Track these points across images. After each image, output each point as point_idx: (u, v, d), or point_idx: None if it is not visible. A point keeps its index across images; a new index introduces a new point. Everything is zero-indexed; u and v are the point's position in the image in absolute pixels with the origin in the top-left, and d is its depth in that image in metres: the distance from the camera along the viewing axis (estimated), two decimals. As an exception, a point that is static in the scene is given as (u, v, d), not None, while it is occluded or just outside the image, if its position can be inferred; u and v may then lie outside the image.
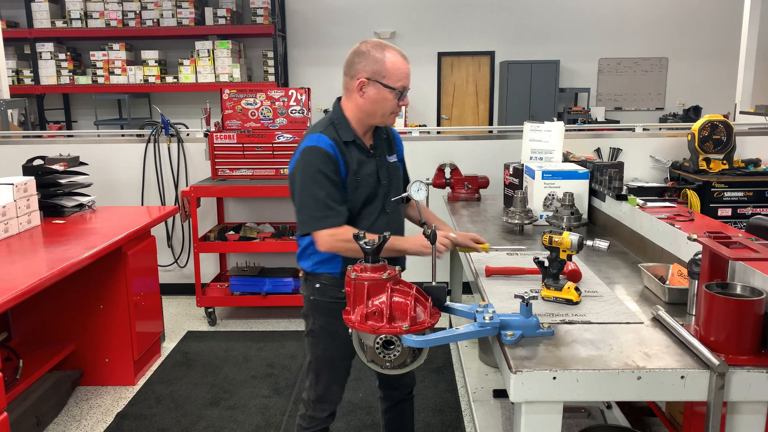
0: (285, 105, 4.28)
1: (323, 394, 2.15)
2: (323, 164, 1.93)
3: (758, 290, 1.53)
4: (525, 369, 1.47)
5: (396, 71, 1.95)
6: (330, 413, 2.18)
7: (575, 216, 2.83)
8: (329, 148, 1.95)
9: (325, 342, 2.12)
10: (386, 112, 2.01)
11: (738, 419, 1.51)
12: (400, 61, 1.97)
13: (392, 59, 1.96)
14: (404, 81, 1.97)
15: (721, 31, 8.86)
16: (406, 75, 1.98)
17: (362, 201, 2.03)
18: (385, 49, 1.97)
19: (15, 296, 2.24)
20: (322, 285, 2.07)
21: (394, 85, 1.96)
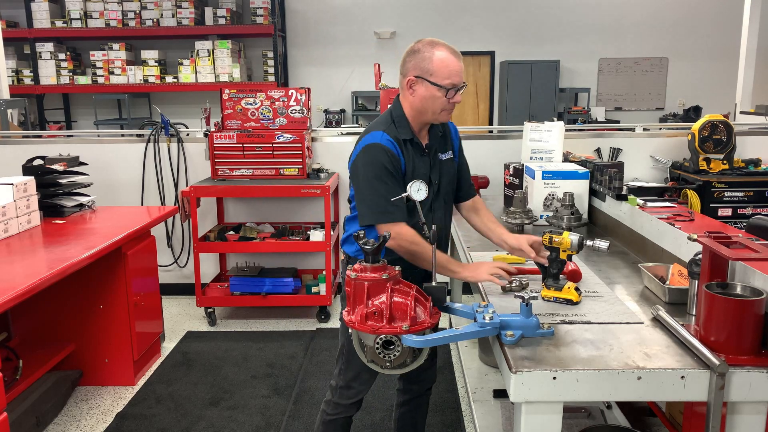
0: (285, 105, 4.28)
1: (352, 379, 2.14)
2: (386, 161, 1.97)
3: (758, 290, 1.53)
4: (525, 369, 1.47)
5: (443, 68, 1.94)
6: (355, 401, 2.17)
7: (575, 216, 2.83)
8: (391, 145, 1.99)
9: None
10: (436, 109, 1.99)
11: (738, 419, 1.50)
12: (449, 58, 1.95)
13: (440, 56, 1.95)
14: (453, 78, 1.95)
15: (721, 30, 8.86)
16: (456, 72, 1.96)
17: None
18: (435, 46, 1.97)
19: (15, 296, 2.24)
20: None
21: (442, 83, 1.95)
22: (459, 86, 1.97)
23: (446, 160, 2.14)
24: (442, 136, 2.15)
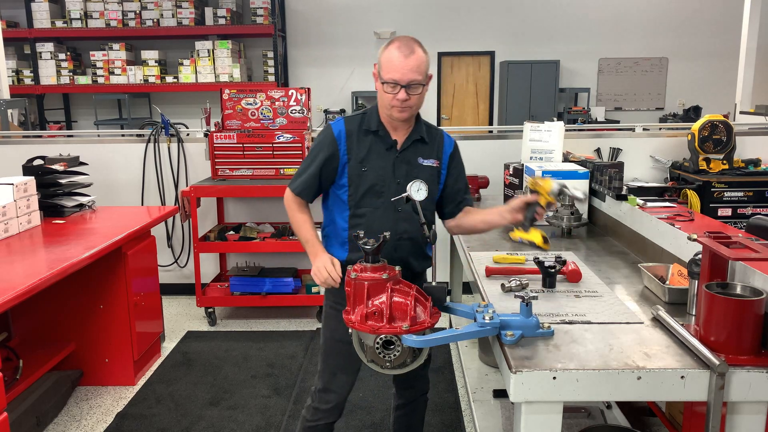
0: (285, 105, 4.28)
1: (328, 381, 2.13)
2: (322, 142, 2.08)
3: (758, 290, 1.53)
4: (525, 369, 1.47)
5: (386, 63, 1.95)
6: (334, 405, 2.14)
7: (575, 216, 2.83)
8: (336, 131, 2.06)
9: (334, 323, 2.10)
10: (386, 105, 2.00)
11: (738, 419, 1.51)
12: (395, 54, 1.94)
13: (388, 53, 1.96)
14: (393, 74, 1.93)
15: (721, 31, 8.86)
16: (396, 68, 1.92)
17: (365, 189, 2.03)
18: (392, 42, 1.99)
19: (15, 296, 2.24)
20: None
21: (383, 77, 1.96)
22: (400, 83, 1.93)
23: (426, 166, 2.09)
24: (422, 141, 2.09)
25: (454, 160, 2.18)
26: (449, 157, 2.16)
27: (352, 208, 2.06)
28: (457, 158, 2.19)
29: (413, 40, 1.99)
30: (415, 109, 2.03)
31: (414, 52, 1.94)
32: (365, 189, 2.03)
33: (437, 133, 2.17)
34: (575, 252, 2.50)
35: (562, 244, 2.66)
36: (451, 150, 2.18)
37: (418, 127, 2.10)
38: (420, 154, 2.09)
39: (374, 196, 2.04)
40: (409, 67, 1.93)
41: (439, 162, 2.13)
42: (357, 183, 2.04)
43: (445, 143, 2.17)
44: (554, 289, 2.03)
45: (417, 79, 1.94)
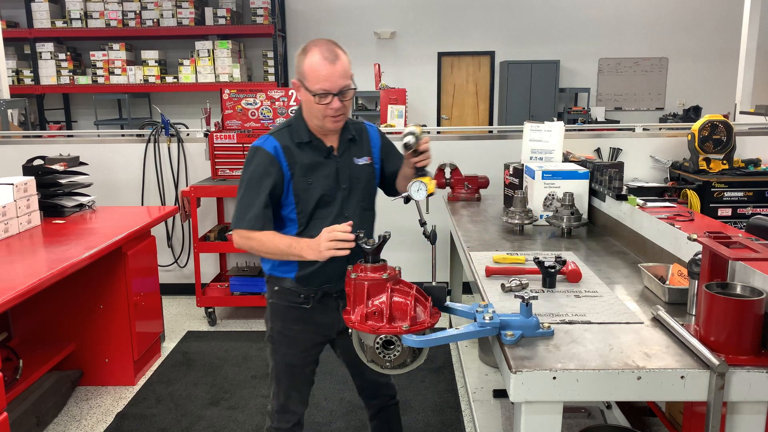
0: (285, 105, 4.28)
1: (284, 403, 2.10)
2: (259, 165, 1.93)
3: (758, 290, 1.53)
4: (525, 369, 1.47)
5: (312, 73, 1.84)
6: (294, 424, 2.12)
7: (575, 216, 2.83)
8: (272, 149, 1.93)
9: (285, 348, 2.07)
10: (317, 115, 1.91)
11: (738, 419, 1.51)
12: (320, 62, 1.84)
13: (310, 61, 1.85)
14: (323, 84, 1.83)
15: (721, 31, 8.87)
16: (326, 77, 1.83)
17: (315, 202, 1.96)
18: (311, 49, 1.87)
19: (15, 296, 2.24)
20: (281, 288, 2.03)
21: (312, 89, 1.85)
22: (332, 92, 1.85)
23: (361, 165, 2.04)
24: (353, 140, 2.05)
25: (383, 147, 2.14)
26: (379, 149, 2.12)
27: (302, 224, 1.98)
28: (385, 143, 2.15)
29: (332, 43, 1.90)
30: (347, 115, 1.97)
31: (339, 57, 1.86)
32: (315, 202, 1.96)
33: (361, 127, 2.11)
34: (575, 252, 2.50)
35: (562, 244, 2.66)
36: (379, 141, 2.14)
37: (346, 127, 2.04)
38: (354, 154, 2.04)
39: (323, 207, 1.98)
40: (339, 74, 1.85)
41: (371, 157, 2.09)
42: (305, 198, 1.96)
43: (372, 137, 2.12)
44: (554, 289, 2.03)
45: (347, 85, 1.88)
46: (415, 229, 2.10)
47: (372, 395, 2.28)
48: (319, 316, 2.04)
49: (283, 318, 2.06)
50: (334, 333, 2.10)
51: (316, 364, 2.14)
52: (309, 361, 2.11)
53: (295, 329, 2.05)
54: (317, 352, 2.12)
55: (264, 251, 1.95)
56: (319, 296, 2.02)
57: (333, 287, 2.01)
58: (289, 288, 2.02)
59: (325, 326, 2.07)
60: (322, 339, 2.11)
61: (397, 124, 5.50)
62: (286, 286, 2.02)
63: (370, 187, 2.10)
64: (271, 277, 2.07)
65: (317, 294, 2.02)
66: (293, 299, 2.02)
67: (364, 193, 2.06)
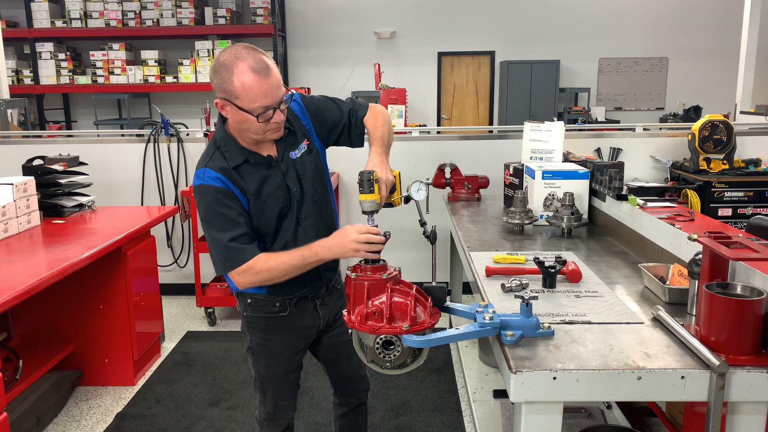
0: (285, 105, 4.27)
1: (272, 411, 2.08)
2: (214, 203, 1.76)
3: (758, 290, 1.53)
4: (525, 369, 1.46)
5: (247, 93, 1.68)
6: (285, 428, 2.11)
7: (575, 216, 2.83)
8: (216, 182, 1.77)
9: (266, 359, 2.02)
10: (257, 132, 1.76)
11: (738, 419, 1.50)
12: (251, 79, 1.68)
13: (241, 79, 1.68)
14: (263, 101, 1.70)
15: (721, 31, 8.86)
16: (263, 93, 1.69)
17: (276, 217, 1.85)
18: (236, 64, 1.69)
19: (15, 296, 2.24)
20: (254, 300, 1.95)
21: (249, 108, 1.70)
22: (274, 106, 1.72)
23: (300, 157, 1.89)
24: (289, 131, 1.89)
25: (313, 114, 1.96)
26: (311, 121, 1.96)
27: (268, 243, 1.87)
28: (311, 108, 1.97)
29: (254, 49, 1.73)
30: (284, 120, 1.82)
31: (269, 67, 1.71)
32: (275, 218, 1.85)
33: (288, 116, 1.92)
34: (575, 252, 2.50)
35: (563, 244, 2.66)
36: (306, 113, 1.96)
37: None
38: (290, 149, 1.89)
39: (282, 218, 1.87)
40: (275, 85, 1.72)
41: (308, 139, 1.93)
42: (265, 219, 1.84)
43: (298, 114, 1.95)
44: (554, 289, 2.03)
45: (282, 93, 1.76)
46: (415, 229, 2.10)
47: (349, 393, 2.23)
48: (298, 320, 1.99)
49: (261, 329, 1.98)
50: (314, 334, 2.06)
51: (300, 369, 2.09)
52: (293, 368, 2.06)
53: (275, 339, 2.00)
54: (300, 358, 2.08)
55: (279, 276, 1.78)
56: (295, 302, 1.96)
57: (308, 291, 1.96)
58: (262, 300, 1.94)
59: (305, 329, 2.03)
60: (303, 344, 2.06)
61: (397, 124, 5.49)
62: (259, 297, 1.94)
63: (318, 175, 1.95)
64: (241, 293, 1.96)
65: (293, 300, 1.96)
66: (269, 309, 1.95)
67: (314, 184, 1.92)
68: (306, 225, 1.91)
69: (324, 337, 2.11)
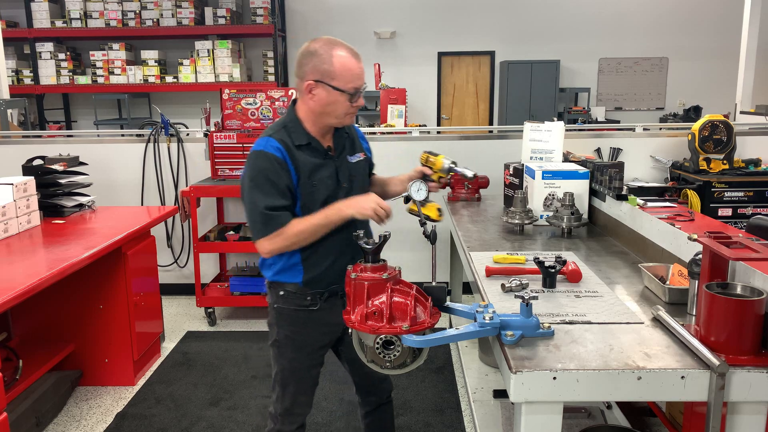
0: (285, 105, 4.28)
1: (290, 406, 2.10)
2: (268, 170, 1.87)
3: (758, 290, 1.53)
4: (525, 369, 1.46)
5: (346, 72, 1.87)
6: (299, 426, 2.13)
7: (575, 216, 2.83)
8: (276, 152, 1.89)
9: (292, 352, 2.05)
10: (339, 114, 1.93)
11: (738, 419, 1.50)
12: (351, 60, 1.88)
13: (341, 59, 1.87)
14: (355, 82, 1.89)
15: (721, 30, 8.86)
16: (358, 75, 1.89)
17: (320, 203, 1.95)
18: (334, 47, 1.88)
19: (15, 296, 2.24)
20: (287, 293, 2.01)
21: (344, 87, 1.87)
22: (361, 90, 1.91)
23: (355, 163, 2.07)
24: (348, 137, 2.08)
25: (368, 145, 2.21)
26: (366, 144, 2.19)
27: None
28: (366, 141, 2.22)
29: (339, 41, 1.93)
30: None
31: (358, 53, 1.92)
32: (320, 204, 1.94)
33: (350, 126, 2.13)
34: (575, 252, 2.50)
35: (562, 244, 2.66)
36: (363, 137, 2.20)
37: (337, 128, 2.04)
38: (347, 152, 2.06)
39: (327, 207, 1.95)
40: (363, 70, 1.93)
41: (364, 153, 2.14)
42: (310, 201, 1.94)
43: (358, 133, 2.18)
44: (554, 289, 2.03)
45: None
46: (415, 229, 2.11)
47: (371, 392, 2.27)
48: (327, 316, 2.03)
49: (290, 322, 2.04)
50: (340, 331, 2.10)
51: (321, 365, 2.13)
52: (315, 364, 2.10)
53: (303, 333, 2.05)
54: (323, 353, 2.12)
55: (306, 239, 1.90)
56: (326, 296, 2.02)
57: (339, 287, 2.00)
58: (294, 292, 2.01)
59: (332, 325, 2.06)
60: (329, 339, 2.11)
61: (397, 124, 5.49)
62: (292, 290, 2.01)
63: (365, 183, 2.15)
64: (274, 282, 2.04)
65: (324, 295, 2.02)
66: (300, 302, 2.01)
67: (362, 190, 2.08)
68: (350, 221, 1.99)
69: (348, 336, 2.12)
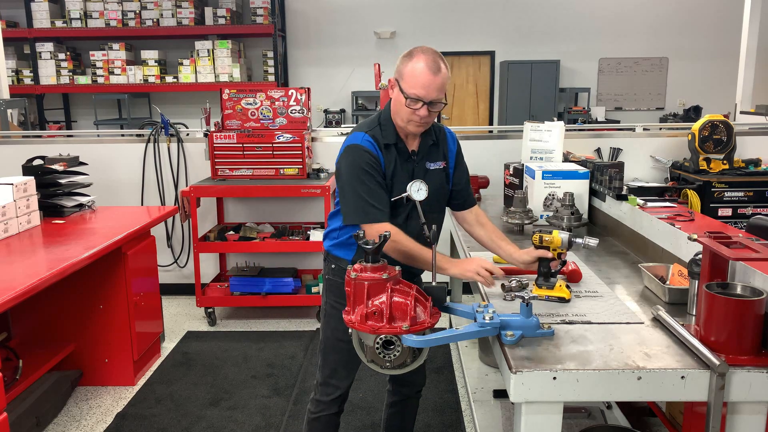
0: (285, 105, 4.28)
1: (329, 376, 2.17)
2: (365, 162, 1.97)
3: (758, 290, 1.53)
4: (525, 369, 1.46)
5: (411, 77, 1.91)
6: (336, 398, 2.17)
7: (575, 216, 2.83)
8: (371, 146, 1.98)
9: (335, 322, 2.12)
10: (403, 117, 1.97)
11: (738, 419, 1.50)
12: (422, 69, 1.90)
13: (414, 65, 1.92)
14: (417, 90, 1.90)
15: (721, 31, 8.86)
16: (422, 85, 1.89)
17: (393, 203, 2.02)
18: (418, 54, 1.93)
19: (15, 296, 2.24)
20: (338, 266, 2.12)
21: (407, 91, 1.92)
22: (424, 100, 1.91)
23: (435, 170, 2.10)
24: (434, 144, 2.11)
25: (458, 156, 2.20)
26: (455, 155, 2.18)
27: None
28: (460, 154, 2.22)
29: (439, 55, 1.95)
30: (430, 124, 2.04)
31: (440, 71, 1.92)
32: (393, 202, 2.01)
33: (440, 131, 2.17)
34: (575, 252, 2.50)
35: (562, 244, 2.65)
36: (455, 148, 2.19)
37: (428, 131, 2.09)
38: (428, 158, 2.10)
39: (395, 207, 2.03)
40: (436, 86, 1.91)
41: (446, 162, 2.14)
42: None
43: (449, 142, 2.18)
44: (554, 289, 2.03)
45: (440, 98, 1.93)
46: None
47: (404, 382, 2.32)
48: None
49: (337, 293, 2.12)
50: None
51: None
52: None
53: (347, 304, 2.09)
54: None
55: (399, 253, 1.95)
56: None
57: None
58: (344, 267, 2.06)
59: None
60: None
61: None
62: (342, 265, 2.09)
63: (441, 191, 2.14)
64: (329, 254, 2.15)
65: None
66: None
67: (436, 196, 2.08)
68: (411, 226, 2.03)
69: None
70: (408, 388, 2.34)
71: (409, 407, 2.38)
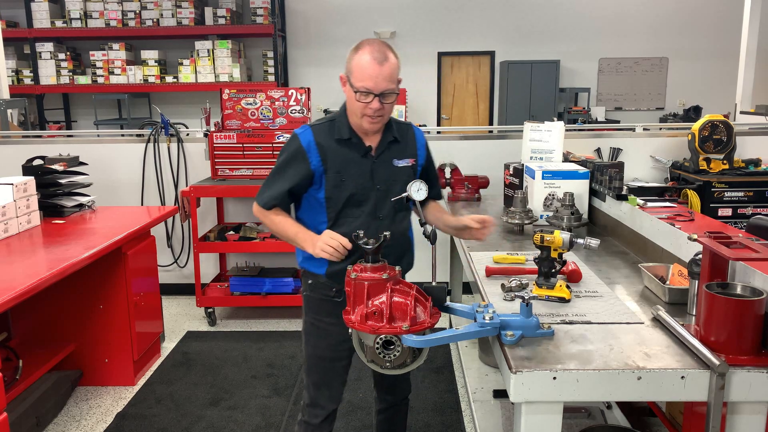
0: (285, 105, 4.28)
1: (314, 397, 2.12)
2: (289, 151, 1.99)
3: (758, 290, 1.53)
4: (525, 369, 1.47)
5: (359, 70, 1.87)
6: (324, 419, 2.11)
7: (575, 216, 2.83)
8: (305, 141, 1.97)
9: (314, 339, 2.11)
10: (356, 112, 1.92)
11: (738, 419, 1.50)
12: (367, 60, 1.86)
13: (360, 57, 1.88)
14: (366, 82, 1.85)
15: (721, 31, 8.86)
16: (370, 77, 1.85)
17: (344, 200, 1.98)
18: (362, 47, 1.90)
19: (15, 296, 2.24)
20: (315, 282, 2.08)
21: (356, 85, 1.88)
22: (374, 92, 1.86)
23: (402, 167, 2.05)
24: (396, 141, 2.05)
25: (426, 153, 2.17)
26: (424, 152, 2.15)
27: (331, 219, 2.00)
28: (428, 151, 2.19)
29: (385, 45, 1.91)
30: (386, 118, 1.98)
31: (387, 59, 1.87)
32: (345, 200, 1.98)
33: (408, 129, 2.13)
34: (575, 252, 2.50)
35: (562, 244, 2.66)
36: (423, 145, 2.16)
37: (389, 127, 2.05)
38: (394, 155, 2.05)
39: (354, 206, 1.99)
40: (384, 76, 1.86)
41: (414, 159, 2.10)
42: (336, 195, 1.98)
43: (417, 139, 2.14)
44: (554, 289, 2.03)
45: (390, 88, 1.89)
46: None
47: (389, 390, 2.28)
48: None
49: (315, 310, 2.10)
50: None
51: (348, 360, 2.13)
52: (340, 356, 2.11)
53: (327, 321, 2.08)
54: (347, 348, 2.08)
55: (273, 230, 2.03)
56: None
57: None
58: (322, 282, 2.06)
59: None
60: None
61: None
62: (320, 280, 2.06)
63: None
64: (304, 270, 2.11)
65: None
66: (326, 292, 2.06)
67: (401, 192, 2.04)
68: (382, 225, 1.99)
69: None
70: (393, 396, 2.28)
71: (397, 414, 2.32)
